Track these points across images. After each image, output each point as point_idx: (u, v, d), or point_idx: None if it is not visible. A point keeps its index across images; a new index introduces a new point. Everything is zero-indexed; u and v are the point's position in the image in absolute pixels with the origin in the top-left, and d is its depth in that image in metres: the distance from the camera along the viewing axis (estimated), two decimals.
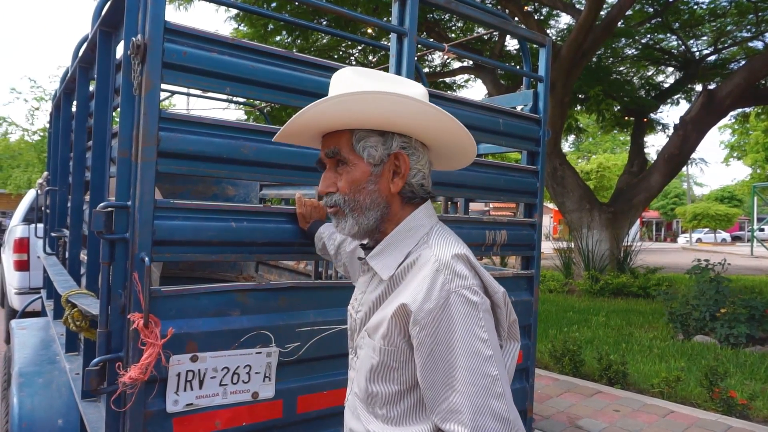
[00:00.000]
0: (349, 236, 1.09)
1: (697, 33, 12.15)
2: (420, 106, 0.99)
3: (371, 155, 1.04)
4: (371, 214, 1.05)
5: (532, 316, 2.45)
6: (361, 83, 1.03)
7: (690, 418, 3.78)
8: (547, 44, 2.48)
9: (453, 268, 0.94)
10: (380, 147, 1.04)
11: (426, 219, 1.07)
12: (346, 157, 1.04)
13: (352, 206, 1.04)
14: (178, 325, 1.46)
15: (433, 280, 0.94)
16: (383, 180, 1.05)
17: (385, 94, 0.97)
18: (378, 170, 1.04)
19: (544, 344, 5.48)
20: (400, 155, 1.05)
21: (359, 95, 0.97)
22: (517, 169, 2.43)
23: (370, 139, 1.04)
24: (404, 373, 0.99)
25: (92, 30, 1.95)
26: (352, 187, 1.04)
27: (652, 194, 10.99)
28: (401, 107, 0.99)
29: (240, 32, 10.67)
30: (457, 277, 0.94)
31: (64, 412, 2.13)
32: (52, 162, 3.40)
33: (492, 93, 11.02)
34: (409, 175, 1.06)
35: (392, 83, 1.06)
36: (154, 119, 1.41)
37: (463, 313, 0.91)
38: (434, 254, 0.98)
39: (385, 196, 1.05)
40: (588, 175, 29.70)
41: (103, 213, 1.42)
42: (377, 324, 1.03)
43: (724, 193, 41.55)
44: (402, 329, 0.97)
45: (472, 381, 0.88)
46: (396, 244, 1.05)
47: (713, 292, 6.09)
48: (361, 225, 1.05)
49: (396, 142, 1.05)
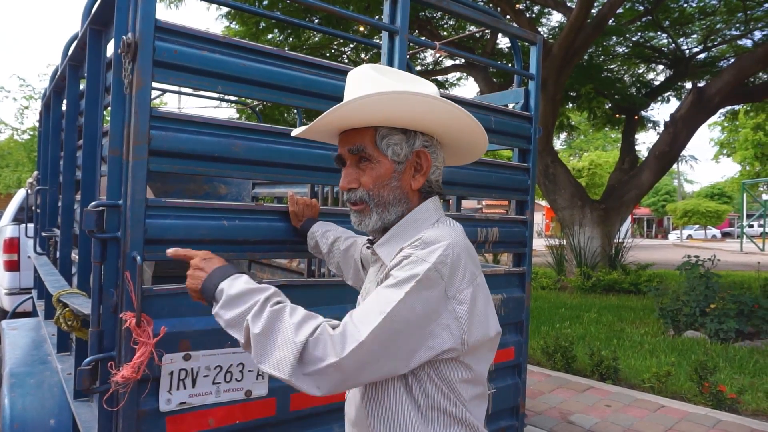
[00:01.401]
0: (371, 232, 1.12)
1: (687, 31, 12.23)
2: (446, 107, 1.03)
3: (396, 153, 1.07)
4: (394, 209, 1.08)
5: (524, 312, 2.47)
6: (385, 81, 1.06)
7: (680, 412, 3.83)
8: (538, 42, 2.49)
9: (429, 243, 0.96)
10: (404, 145, 1.07)
11: (433, 211, 1.10)
12: (370, 154, 1.07)
13: (376, 201, 1.08)
14: (170, 324, 1.46)
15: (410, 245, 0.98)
16: (405, 177, 1.08)
17: (414, 94, 1.00)
18: (401, 167, 1.08)
19: (537, 341, 5.51)
20: (423, 153, 1.09)
21: (391, 95, 0.99)
22: (509, 167, 2.44)
23: (394, 137, 1.07)
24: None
25: (82, 28, 1.94)
26: (377, 183, 1.07)
27: (643, 191, 11.07)
28: (429, 107, 1.02)
29: (231, 30, 10.62)
30: (423, 249, 0.95)
31: (56, 412, 2.12)
32: (42, 161, 3.37)
33: (484, 91, 11.05)
34: (429, 172, 1.10)
35: (410, 82, 1.09)
36: (145, 118, 1.41)
37: (403, 275, 0.93)
38: (426, 232, 1.00)
39: (406, 192, 1.09)
40: (580, 172, 29.85)
41: (94, 212, 1.41)
42: None
43: (714, 190, 41.93)
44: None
45: (368, 315, 0.91)
46: (402, 233, 1.08)
47: (703, 288, 6.16)
48: (384, 220, 1.08)
49: (419, 141, 1.08)
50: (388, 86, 1.04)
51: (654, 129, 13.79)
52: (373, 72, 1.08)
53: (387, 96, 0.99)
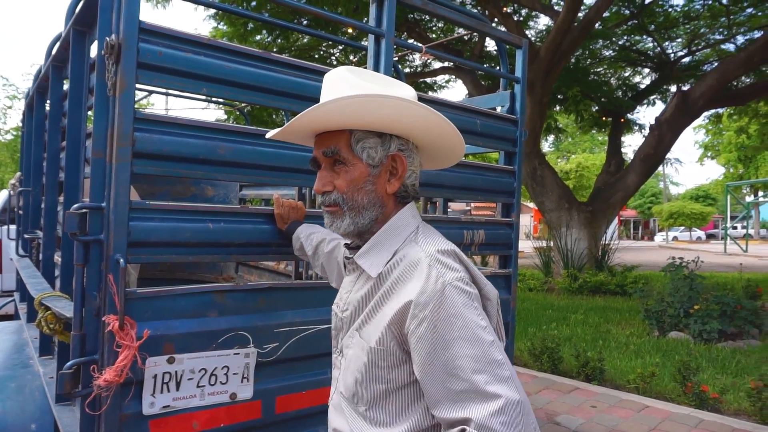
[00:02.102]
0: (343, 235, 1.11)
1: (671, 35, 12.42)
2: (422, 111, 1.02)
3: (371, 156, 1.06)
4: (368, 213, 1.07)
5: (510, 314, 2.48)
6: (360, 84, 1.05)
7: (664, 412, 3.87)
8: (524, 46, 2.52)
9: (444, 262, 0.97)
10: (379, 148, 1.06)
11: (411, 219, 1.10)
12: (345, 157, 1.06)
13: (350, 205, 1.06)
14: (154, 327, 1.45)
15: (428, 275, 0.95)
16: (380, 181, 1.07)
17: (390, 98, 0.99)
18: (376, 171, 1.07)
19: (524, 342, 5.55)
20: (398, 157, 1.08)
21: (365, 98, 0.99)
22: (495, 169, 2.46)
23: (369, 140, 1.06)
24: (391, 372, 1.00)
25: (66, 29, 1.92)
26: (351, 186, 1.06)
27: (629, 193, 11.19)
28: (404, 111, 1.02)
29: (219, 31, 10.57)
30: (448, 269, 0.96)
31: (38, 416, 2.09)
32: (25, 162, 3.33)
33: (472, 93, 11.10)
34: (405, 177, 1.09)
35: (386, 85, 1.08)
36: (129, 120, 1.40)
37: (460, 303, 0.92)
38: (423, 251, 1.00)
39: (381, 196, 1.08)
40: (567, 174, 30.12)
41: (77, 214, 1.40)
42: (365, 323, 1.04)
43: (698, 192, 42.55)
44: (395, 328, 0.98)
45: (478, 368, 0.88)
46: (383, 242, 1.07)
47: (687, 290, 6.23)
48: (357, 224, 1.07)
49: (394, 144, 1.07)
50: (364, 89, 1.03)
51: (640, 132, 13.97)
52: (348, 74, 1.07)
53: (362, 99, 0.98)
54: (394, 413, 1.01)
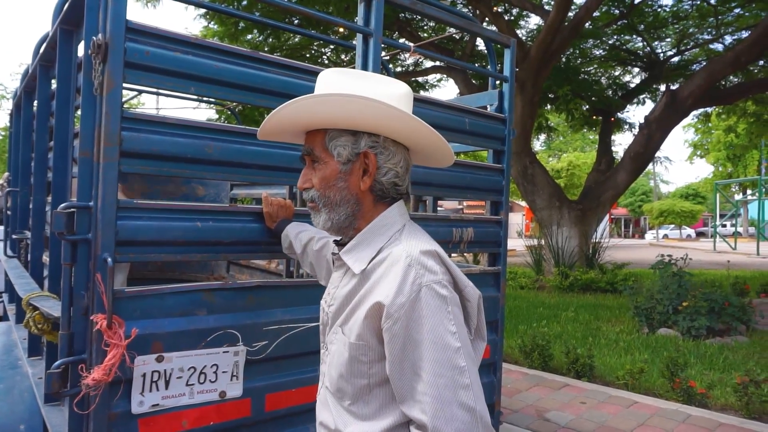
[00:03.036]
0: (324, 230, 1.14)
1: (661, 35, 12.53)
2: (384, 109, 1.02)
3: (340, 154, 1.08)
4: (341, 210, 1.09)
5: (499, 311, 2.50)
6: (343, 82, 1.07)
7: (652, 408, 3.92)
8: (511, 45, 2.54)
9: (424, 264, 0.98)
10: (349, 146, 1.08)
11: (398, 217, 1.11)
12: (318, 156, 1.10)
13: (324, 202, 1.10)
14: (142, 326, 1.45)
15: (405, 275, 0.97)
16: (353, 178, 1.09)
17: (350, 96, 1.01)
18: (347, 168, 1.08)
19: (514, 340, 5.58)
20: (368, 154, 1.09)
21: (322, 98, 1.02)
22: (483, 168, 2.48)
23: (341, 138, 1.08)
24: (373, 367, 1.01)
25: (53, 28, 1.92)
26: (323, 183, 1.09)
27: (619, 192, 11.28)
28: (367, 110, 1.03)
29: (210, 30, 10.52)
30: (427, 272, 0.97)
31: (27, 417, 2.08)
32: (13, 162, 3.31)
33: (463, 92, 11.14)
34: (379, 174, 1.09)
35: (375, 83, 1.09)
36: (116, 119, 1.40)
37: (433, 307, 0.95)
38: (405, 250, 1.01)
39: (355, 193, 1.09)
40: (559, 173, 30.27)
41: (64, 214, 1.40)
42: (348, 318, 1.06)
43: (688, 190, 42.90)
44: (374, 324, 1.00)
45: (440, 372, 0.92)
46: (368, 240, 1.08)
47: (676, 287, 6.30)
48: (333, 220, 1.10)
49: (364, 142, 1.08)
50: (347, 88, 1.05)
51: (630, 130, 14.11)
52: (333, 75, 1.10)
53: (316, 99, 1.02)
54: (377, 407, 1.02)
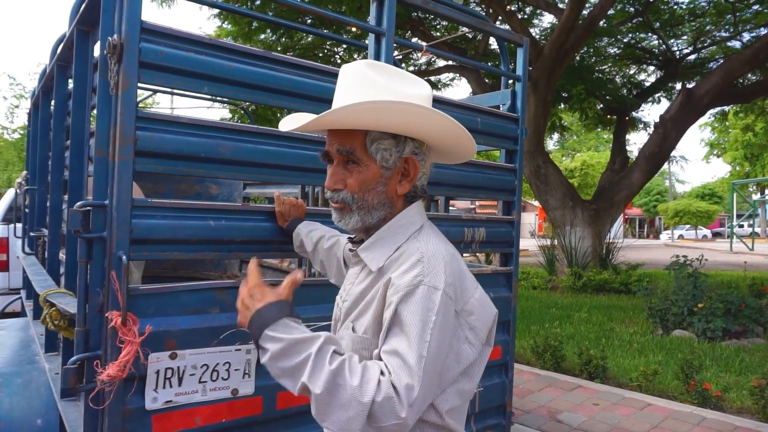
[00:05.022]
0: (351, 231, 1.13)
1: (677, 32, 12.35)
2: (440, 119, 1.03)
3: (385, 158, 1.06)
4: (377, 213, 1.08)
5: (510, 312, 2.49)
6: (379, 82, 1.04)
7: (666, 410, 3.87)
8: (524, 44, 2.52)
9: (433, 265, 0.98)
10: (393, 151, 1.07)
11: (418, 216, 1.11)
12: (359, 158, 1.06)
13: (359, 205, 1.08)
14: (156, 323, 1.47)
15: (412, 266, 0.98)
16: (391, 182, 1.08)
17: (412, 105, 0.99)
18: (389, 173, 1.08)
19: (527, 340, 5.55)
20: (411, 160, 1.09)
21: (389, 104, 0.99)
22: (496, 167, 2.47)
23: (384, 142, 1.06)
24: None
25: (69, 28, 1.95)
26: (363, 187, 1.07)
27: (633, 191, 11.15)
28: (423, 119, 1.02)
29: (224, 30, 10.60)
30: (432, 274, 0.97)
31: (44, 411, 2.12)
32: (30, 161, 3.36)
33: (476, 91, 11.08)
34: (416, 178, 1.10)
35: (405, 83, 1.08)
36: (131, 118, 1.42)
37: (422, 309, 0.94)
38: (421, 247, 1.02)
39: (391, 197, 1.09)
40: (572, 172, 30.03)
41: (80, 212, 1.42)
42: (361, 315, 1.06)
43: (704, 190, 42.31)
44: (379, 313, 1.00)
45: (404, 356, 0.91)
46: (387, 238, 1.08)
47: (691, 288, 6.21)
48: (366, 222, 1.09)
49: (409, 147, 1.08)
50: (384, 88, 1.03)
51: (645, 129, 13.91)
52: (368, 70, 1.06)
53: (383, 105, 0.98)
54: None
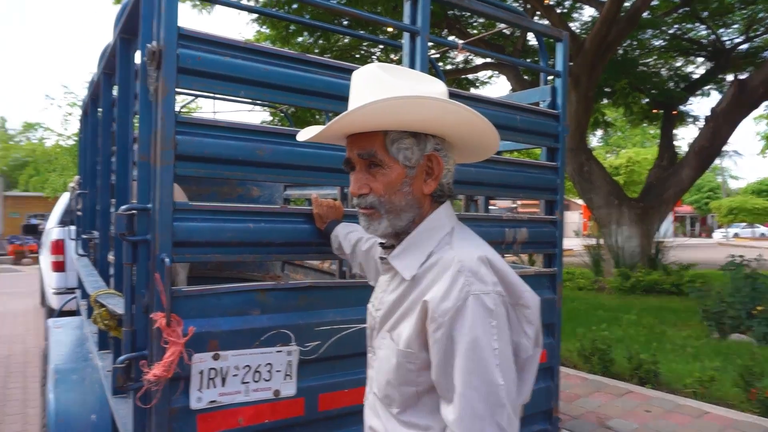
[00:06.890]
0: (381, 237, 1.10)
1: (727, 21, 11.75)
2: (457, 110, 0.99)
3: (407, 158, 1.03)
4: (405, 215, 1.05)
5: (555, 314, 2.41)
6: (392, 82, 1.02)
7: (725, 419, 3.67)
8: (564, 39, 2.44)
9: (475, 271, 0.94)
10: (415, 149, 1.04)
11: (446, 219, 1.07)
12: (381, 159, 1.03)
13: (388, 208, 1.04)
14: (199, 324, 1.49)
15: (454, 281, 0.94)
16: (417, 181, 1.05)
17: (427, 98, 0.97)
18: (413, 172, 1.04)
19: (573, 343, 5.39)
20: (434, 157, 1.06)
21: (404, 100, 0.96)
22: (537, 166, 2.40)
23: (405, 141, 1.03)
24: (421, 375, 0.99)
25: (114, 37, 2.01)
26: (388, 189, 1.04)
27: (683, 188, 10.71)
28: (440, 111, 0.99)
29: (263, 34, 10.80)
30: (477, 280, 0.94)
31: (98, 408, 2.19)
32: (81, 166, 3.51)
33: (516, 88, 10.89)
34: (441, 176, 1.07)
35: (418, 82, 1.05)
36: (171, 124, 1.44)
37: (479, 318, 0.91)
38: (457, 256, 0.98)
39: (418, 197, 1.06)
40: (617, 170, 29.03)
41: (125, 215, 1.46)
42: (397, 324, 1.03)
43: (761, 186, 40.04)
44: (420, 330, 0.97)
45: (474, 384, 0.89)
46: (417, 244, 1.05)
47: (749, 289, 5.89)
48: (395, 226, 1.05)
49: (430, 144, 1.05)
50: (397, 87, 1.01)
51: (694, 124, 13.32)
52: (380, 72, 1.05)
53: (400, 101, 0.96)
54: (426, 416, 1.00)
